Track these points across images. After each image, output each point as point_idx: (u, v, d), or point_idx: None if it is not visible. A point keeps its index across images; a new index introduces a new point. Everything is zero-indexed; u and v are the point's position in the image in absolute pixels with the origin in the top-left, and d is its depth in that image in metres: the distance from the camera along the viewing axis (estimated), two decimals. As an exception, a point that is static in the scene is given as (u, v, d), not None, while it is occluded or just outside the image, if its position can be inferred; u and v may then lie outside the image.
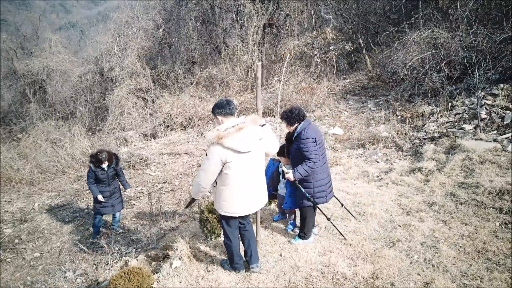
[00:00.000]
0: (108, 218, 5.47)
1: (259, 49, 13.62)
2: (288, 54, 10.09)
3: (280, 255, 3.36)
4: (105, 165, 4.88)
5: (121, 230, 5.26)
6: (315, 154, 3.20)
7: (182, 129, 12.05)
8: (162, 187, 6.61)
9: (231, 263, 3.14)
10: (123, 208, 5.37)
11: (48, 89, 15.07)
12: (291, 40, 13.34)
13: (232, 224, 3.00)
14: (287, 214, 3.89)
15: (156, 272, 3.34)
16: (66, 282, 4.24)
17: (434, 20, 9.87)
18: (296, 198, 3.43)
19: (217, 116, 2.81)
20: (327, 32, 12.65)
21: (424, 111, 7.56)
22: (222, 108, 2.78)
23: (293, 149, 3.36)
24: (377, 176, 5.42)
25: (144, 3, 16.32)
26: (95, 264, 4.48)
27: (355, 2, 16.25)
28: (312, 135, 3.22)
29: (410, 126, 7.11)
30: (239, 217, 2.98)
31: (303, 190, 3.29)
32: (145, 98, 13.88)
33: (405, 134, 6.81)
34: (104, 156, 4.81)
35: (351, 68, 15.49)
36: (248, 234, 3.13)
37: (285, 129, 3.51)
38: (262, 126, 2.97)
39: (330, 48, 12.88)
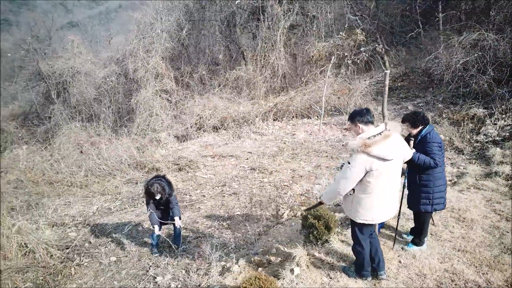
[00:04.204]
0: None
1: (285, 51, 13.63)
2: (333, 57, 10.06)
3: (400, 262, 3.36)
4: (158, 196, 4.54)
5: (183, 246, 4.97)
6: (439, 158, 3.23)
7: (214, 130, 12.04)
8: (222, 190, 6.61)
9: (359, 270, 3.14)
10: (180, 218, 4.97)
11: (72, 90, 15.07)
12: (319, 41, 13.37)
13: (365, 232, 3.01)
14: None
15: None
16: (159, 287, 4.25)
17: (473, 21, 9.87)
18: (413, 204, 3.45)
19: (358, 124, 2.81)
20: (358, 34, 12.67)
21: (476, 114, 7.57)
22: (363, 116, 2.79)
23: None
24: (450, 180, 5.42)
25: (167, 4, 16.31)
26: (184, 269, 4.47)
27: (376, 2, 16.32)
28: (438, 139, 3.25)
29: (466, 129, 7.11)
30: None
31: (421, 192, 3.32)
32: (169, 99, 13.88)
33: (463, 137, 6.81)
34: (155, 189, 4.49)
35: (369, 69, 15.52)
36: (375, 241, 3.14)
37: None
38: (394, 133, 2.99)
39: (361, 49, 12.89)
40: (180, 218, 4.98)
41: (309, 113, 10.83)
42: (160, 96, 13.62)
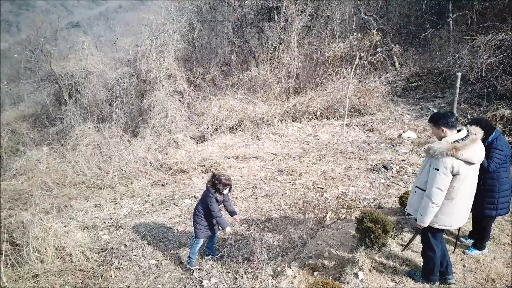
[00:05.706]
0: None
1: (299, 51, 13.61)
2: (357, 57, 10.04)
3: (464, 266, 3.34)
4: (226, 190, 4.29)
5: (219, 253, 4.89)
6: (495, 165, 3.23)
7: (231, 131, 12.00)
8: (254, 193, 6.57)
9: (429, 274, 3.11)
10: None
11: (85, 91, 15.04)
12: (334, 42, 13.35)
13: (438, 237, 2.99)
14: None
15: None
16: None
17: (489, 21, 9.85)
18: (476, 208, 3.42)
19: (442, 127, 2.79)
20: (374, 34, 12.64)
21: (504, 115, 7.54)
22: (448, 119, 2.77)
23: None
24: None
25: (179, 4, 16.29)
26: (231, 272, 4.43)
27: (387, 2, 16.32)
28: (502, 146, 3.24)
29: (496, 130, 7.07)
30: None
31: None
32: (180, 100, 13.84)
33: (495, 138, 6.77)
34: (228, 179, 4.22)
35: (377, 69, 15.47)
36: (442, 245, 3.11)
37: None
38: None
39: (377, 50, 12.88)
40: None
41: (328, 113, 10.80)
42: (174, 97, 13.59)
